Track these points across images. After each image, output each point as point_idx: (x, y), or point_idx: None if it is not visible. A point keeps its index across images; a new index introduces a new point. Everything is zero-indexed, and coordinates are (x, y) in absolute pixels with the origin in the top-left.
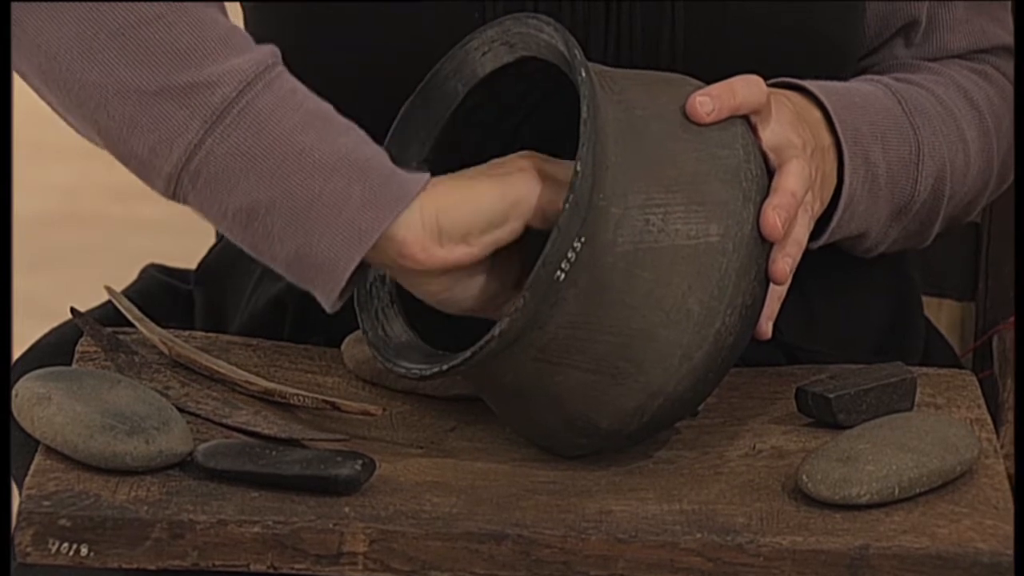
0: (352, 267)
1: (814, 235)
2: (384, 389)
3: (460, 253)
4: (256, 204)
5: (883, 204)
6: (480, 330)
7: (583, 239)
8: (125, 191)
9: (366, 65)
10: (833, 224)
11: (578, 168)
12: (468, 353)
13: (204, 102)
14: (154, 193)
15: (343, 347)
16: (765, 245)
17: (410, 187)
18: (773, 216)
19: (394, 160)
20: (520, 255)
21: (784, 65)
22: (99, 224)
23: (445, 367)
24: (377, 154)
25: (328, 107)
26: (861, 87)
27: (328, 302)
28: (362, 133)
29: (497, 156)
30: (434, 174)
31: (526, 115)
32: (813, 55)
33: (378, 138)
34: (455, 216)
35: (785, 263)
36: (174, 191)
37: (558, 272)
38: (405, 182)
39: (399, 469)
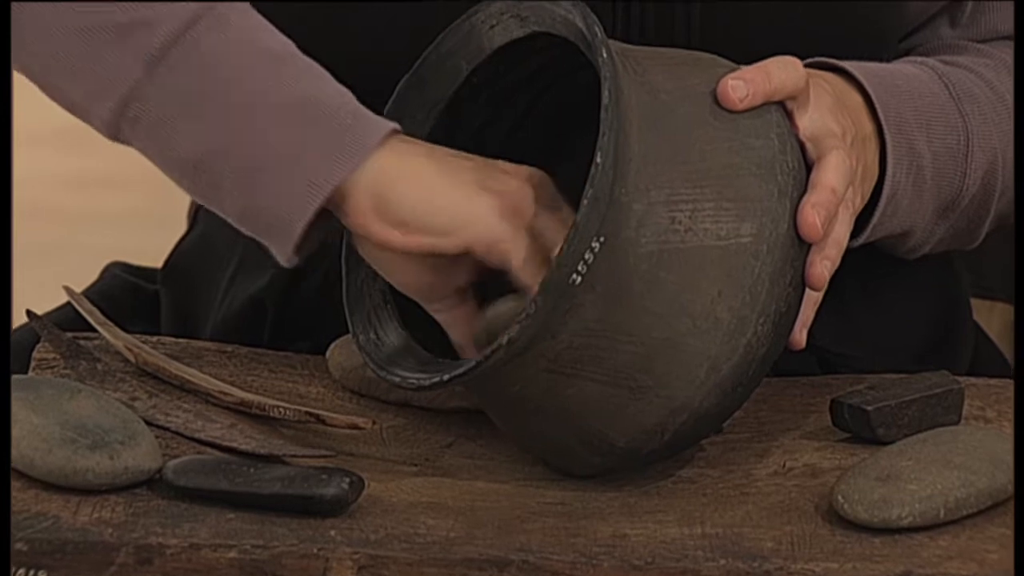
0: (305, 222)
1: (853, 232)
2: (374, 400)
3: (392, 237)
4: (201, 154)
5: (928, 199)
6: None
7: (602, 239)
8: (84, 180)
9: (362, 39)
10: (874, 220)
11: (598, 160)
12: (473, 362)
13: (142, 42)
14: (118, 183)
15: (328, 354)
16: (802, 246)
17: (369, 138)
18: (812, 215)
19: None
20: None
21: (816, 45)
22: (56, 218)
23: (446, 377)
24: (337, 98)
25: (287, 44)
26: (904, 69)
27: (283, 258)
28: (325, 74)
29: (503, 141)
30: None
31: (537, 96)
32: (848, 34)
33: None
34: (400, 200)
35: (823, 267)
36: (116, 137)
37: (574, 275)
38: (364, 133)
39: (391, 488)
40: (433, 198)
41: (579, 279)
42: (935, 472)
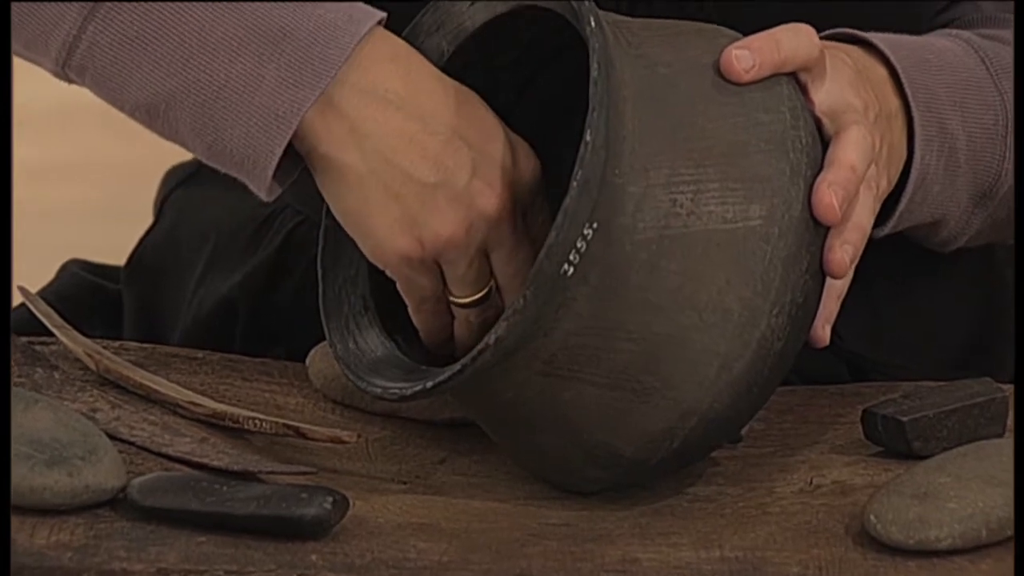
0: (274, 158)
1: (880, 221)
2: (359, 411)
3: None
4: (155, 98)
5: (963, 184)
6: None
7: (595, 225)
8: (39, 170)
9: None
10: (902, 206)
11: (587, 138)
12: (458, 367)
13: None
14: (76, 173)
15: (308, 361)
16: (819, 230)
17: (333, 59)
18: (828, 194)
19: None
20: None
21: (841, 17)
22: None
23: (430, 384)
24: (295, 15)
25: None
26: (936, 42)
27: (262, 194)
28: None
29: None
30: None
31: (527, 78)
32: (876, 5)
33: None
34: (326, 190)
35: (844, 252)
36: (72, 83)
37: (565, 266)
38: (329, 52)
39: (377, 508)
40: (350, 213)
41: (571, 270)
42: (977, 489)
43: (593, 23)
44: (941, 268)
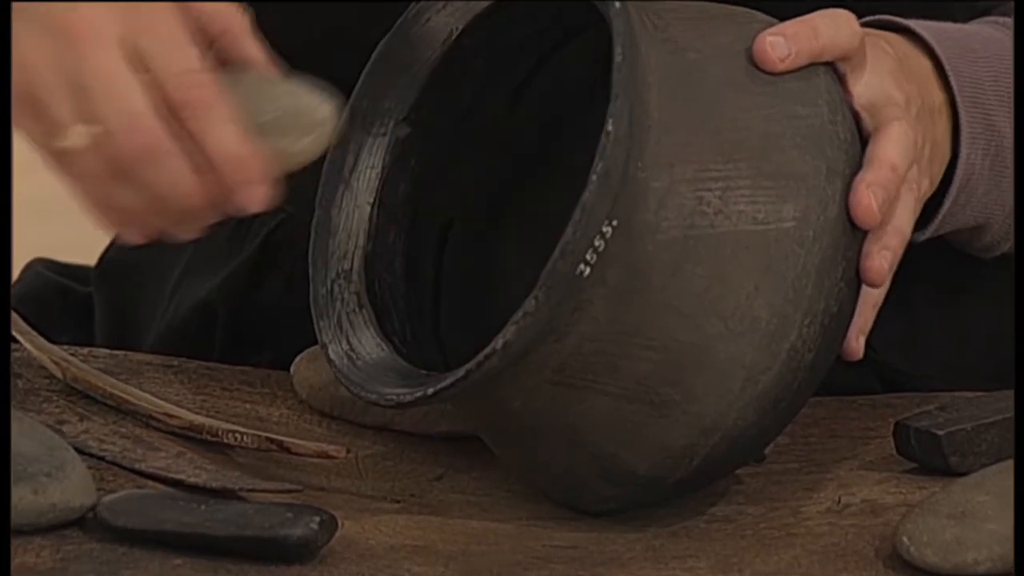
0: None
1: (920, 224)
2: (348, 424)
3: None
4: None
5: (1009, 185)
6: (480, 342)
7: (615, 222)
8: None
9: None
10: (944, 209)
11: (609, 128)
12: (461, 372)
13: None
14: (42, 165)
15: (294, 368)
16: (856, 234)
17: None
18: (867, 195)
19: (363, 117)
20: None
21: (871, 5)
22: None
23: (430, 391)
24: None
25: None
26: (982, 31)
27: None
28: None
29: (500, 113)
30: (417, 136)
31: (540, 61)
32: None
33: (347, 91)
34: None
35: (882, 258)
36: None
37: (581, 266)
38: None
39: (368, 529)
40: None
41: (587, 270)
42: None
43: (617, 3)
44: (981, 275)
